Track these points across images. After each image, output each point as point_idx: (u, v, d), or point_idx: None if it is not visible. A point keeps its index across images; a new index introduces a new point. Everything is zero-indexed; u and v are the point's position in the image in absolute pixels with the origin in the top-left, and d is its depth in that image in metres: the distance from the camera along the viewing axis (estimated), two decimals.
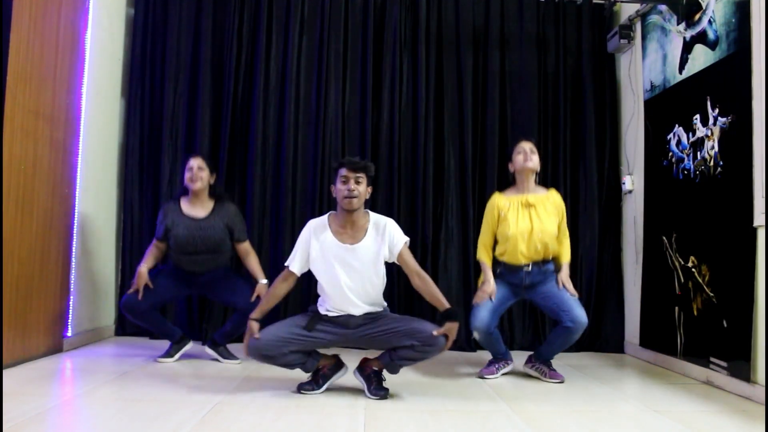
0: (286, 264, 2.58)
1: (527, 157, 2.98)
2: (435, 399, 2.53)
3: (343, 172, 2.50)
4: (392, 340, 2.51)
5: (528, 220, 2.93)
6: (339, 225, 2.55)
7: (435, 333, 2.44)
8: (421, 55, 4.01)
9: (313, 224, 2.59)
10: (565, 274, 2.96)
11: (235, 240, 3.21)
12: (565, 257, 3.01)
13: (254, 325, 2.50)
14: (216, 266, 3.17)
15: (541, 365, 2.98)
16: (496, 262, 3.02)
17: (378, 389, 2.52)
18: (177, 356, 3.20)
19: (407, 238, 2.58)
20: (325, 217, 2.61)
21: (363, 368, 2.62)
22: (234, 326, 3.20)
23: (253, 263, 3.23)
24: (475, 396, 2.62)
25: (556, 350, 2.96)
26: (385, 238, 2.53)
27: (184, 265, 3.13)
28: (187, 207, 3.15)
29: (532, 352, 3.09)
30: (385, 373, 2.60)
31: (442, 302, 2.51)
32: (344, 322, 2.53)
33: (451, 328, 2.45)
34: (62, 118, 3.23)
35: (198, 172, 3.11)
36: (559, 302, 2.89)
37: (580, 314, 2.83)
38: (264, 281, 3.16)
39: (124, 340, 3.73)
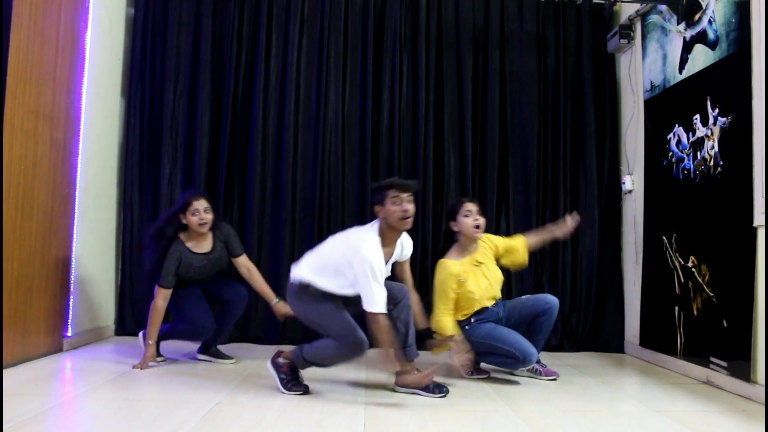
0: (372, 310, 2.40)
1: (479, 224, 2.95)
2: (435, 399, 2.53)
3: (393, 192, 2.50)
4: None
5: (483, 278, 2.96)
6: (385, 244, 2.53)
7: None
8: (421, 55, 4.01)
9: (373, 250, 2.46)
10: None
11: (232, 255, 3.15)
12: (525, 239, 3.12)
13: None
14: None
15: (534, 364, 2.98)
16: (463, 321, 2.95)
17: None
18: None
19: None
20: (375, 238, 2.51)
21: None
22: (224, 323, 3.18)
23: (259, 282, 3.14)
24: (475, 396, 2.62)
25: (543, 338, 3.00)
26: (403, 252, 2.70)
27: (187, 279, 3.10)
28: (192, 245, 3.05)
29: None
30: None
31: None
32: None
33: None
34: (62, 118, 3.23)
35: (205, 214, 3.01)
36: (527, 301, 3.03)
37: (548, 295, 3.00)
38: (277, 300, 3.10)
39: (124, 340, 3.73)
